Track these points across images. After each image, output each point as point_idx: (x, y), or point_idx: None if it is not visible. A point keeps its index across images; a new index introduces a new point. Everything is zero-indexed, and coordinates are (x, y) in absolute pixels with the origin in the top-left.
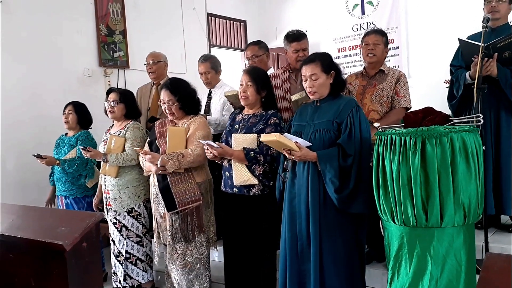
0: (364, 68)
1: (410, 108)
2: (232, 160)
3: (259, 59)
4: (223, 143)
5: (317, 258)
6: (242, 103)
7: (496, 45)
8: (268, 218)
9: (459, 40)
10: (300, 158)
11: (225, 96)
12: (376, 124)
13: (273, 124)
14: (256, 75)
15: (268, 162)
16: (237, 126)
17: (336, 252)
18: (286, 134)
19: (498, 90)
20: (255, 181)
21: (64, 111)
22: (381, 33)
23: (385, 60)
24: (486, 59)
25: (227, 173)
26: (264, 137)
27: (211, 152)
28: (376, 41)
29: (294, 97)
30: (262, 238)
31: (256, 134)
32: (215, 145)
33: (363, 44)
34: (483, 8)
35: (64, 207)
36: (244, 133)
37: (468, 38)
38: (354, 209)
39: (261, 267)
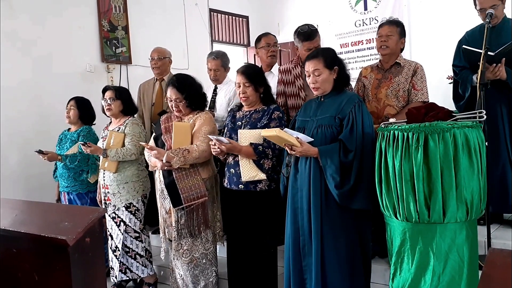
0: (380, 61)
1: (428, 101)
2: (239, 157)
3: (276, 49)
4: None
5: (319, 253)
6: (243, 104)
7: (503, 53)
8: (274, 213)
9: (464, 48)
10: (301, 153)
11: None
12: (392, 120)
13: (277, 118)
14: (252, 74)
15: (276, 155)
16: (240, 123)
17: (338, 248)
18: (286, 129)
19: (507, 89)
20: (263, 176)
21: (66, 106)
22: (395, 24)
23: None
24: (494, 64)
25: (232, 170)
26: (265, 133)
27: (218, 148)
28: (390, 32)
29: None
30: (267, 233)
31: (262, 130)
32: (225, 140)
33: (377, 36)
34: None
35: (67, 203)
36: (249, 129)
37: (467, 33)
38: (355, 205)
39: (264, 263)
